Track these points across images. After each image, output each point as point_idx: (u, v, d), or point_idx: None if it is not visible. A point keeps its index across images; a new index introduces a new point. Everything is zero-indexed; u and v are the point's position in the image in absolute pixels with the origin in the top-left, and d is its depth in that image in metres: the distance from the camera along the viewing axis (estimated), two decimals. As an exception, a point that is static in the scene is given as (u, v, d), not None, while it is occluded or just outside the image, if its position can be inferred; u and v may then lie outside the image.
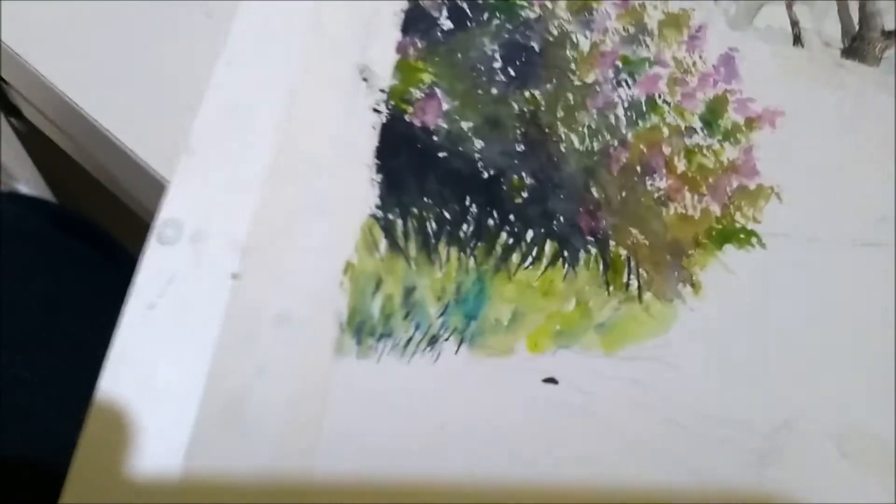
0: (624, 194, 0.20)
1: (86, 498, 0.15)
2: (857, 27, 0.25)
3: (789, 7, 0.25)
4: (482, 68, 0.21)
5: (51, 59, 0.21)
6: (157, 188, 0.21)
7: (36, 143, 0.41)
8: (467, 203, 0.19)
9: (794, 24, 0.25)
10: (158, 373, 0.16)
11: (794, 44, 0.24)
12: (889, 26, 0.25)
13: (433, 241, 0.19)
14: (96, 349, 0.36)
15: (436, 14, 0.22)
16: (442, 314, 0.18)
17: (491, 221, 0.19)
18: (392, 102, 0.20)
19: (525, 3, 0.22)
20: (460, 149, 0.20)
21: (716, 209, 0.20)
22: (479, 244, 0.19)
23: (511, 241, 0.19)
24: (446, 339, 0.18)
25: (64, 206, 0.45)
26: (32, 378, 0.32)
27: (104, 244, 0.40)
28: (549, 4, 0.23)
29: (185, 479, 0.16)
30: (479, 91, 0.21)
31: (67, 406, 0.31)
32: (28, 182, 0.53)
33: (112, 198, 0.39)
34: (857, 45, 0.25)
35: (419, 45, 0.21)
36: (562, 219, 0.19)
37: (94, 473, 0.16)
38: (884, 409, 0.18)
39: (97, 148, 0.23)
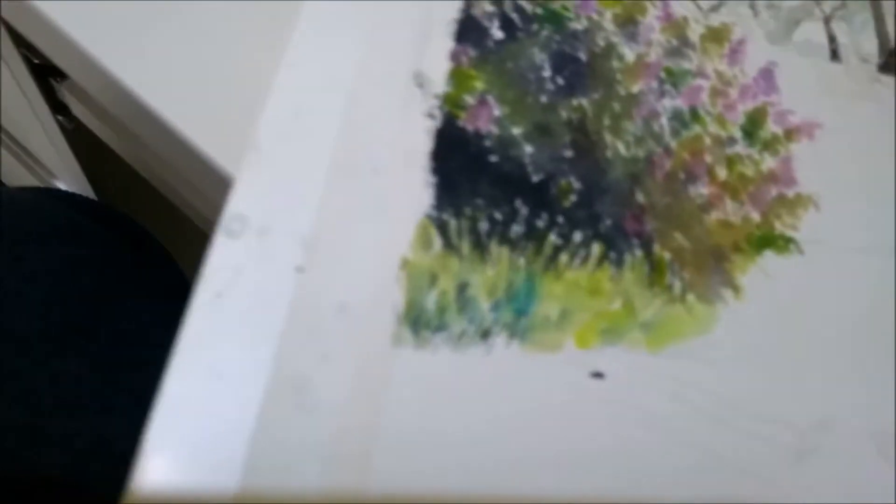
0: (668, 200, 0.21)
1: (153, 480, 0.16)
2: (893, 43, 0.26)
3: (827, 23, 0.26)
4: (532, 77, 0.22)
5: (117, 54, 0.22)
6: (215, 183, 0.22)
7: (80, 141, 0.42)
8: (517, 205, 0.20)
9: (832, 39, 0.26)
10: (227, 357, 0.17)
11: (831, 59, 0.25)
12: (924, 43, 0.26)
13: (485, 240, 0.20)
14: (137, 344, 0.38)
15: (487, 24, 0.23)
16: (494, 310, 0.19)
17: (540, 223, 0.20)
18: (446, 108, 0.21)
19: (573, 16, 0.23)
20: (511, 153, 0.21)
21: (756, 216, 0.21)
22: (529, 244, 0.20)
23: (560, 241, 0.20)
24: (498, 334, 0.19)
25: (106, 203, 0.46)
26: (76, 371, 0.33)
27: (145, 241, 0.41)
28: (595, 17, 0.24)
29: (249, 462, 0.16)
30: (529, 99, 0.22)
31: (110, 400, 0.32)
32: (68, 180, 0.54)
33: (153, 194, 0.40)
34: (893, 61, 0.26)
35: (471, 53, 0.22)
36: (608, 222, 0.20)
37: (160, 455, 0.17)
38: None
39: (158, 144, 0.24)
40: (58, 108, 0.41)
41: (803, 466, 0.18)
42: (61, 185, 0.57)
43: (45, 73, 0.36)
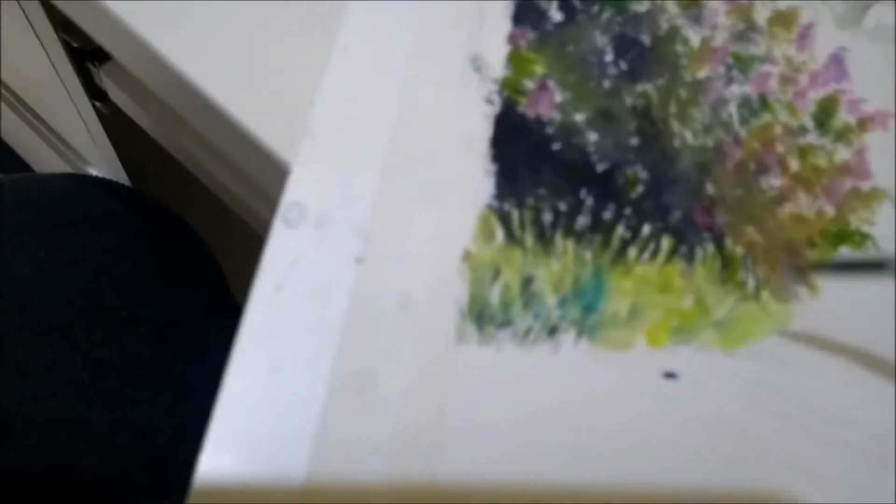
0: (739, 192, 0.20)
1: (218, 475, 0.16)
2: (968, 28, 0.25)
3: (898, 6, 0.25)
4: (593, 61, 0.21)
5: (169, 38, 0.22)
6: (271, 170, 0.22)
7: (117, 127, 0.42)
8: (582, 195, 0.19)
9: (904, 23, 0.24)
10: (288, 351, 0.17)
11: (904, 44, 0.24)
12: None
13: (549, 232, 0.19)
14: (174, 332, 0.37)
15: (546, 6, 0.22)
16: (560, 305, 0.18)
17: (607, 214, 0.19)
18: (505, 93, 0.21)
19: (634, -2, 0.22)
20: (574, 141, 0.20)
21: (830, 210, 0.20)
22: (596, 237, 0.19)
23: (628, 234, 0.19)
24: (565, 331, 0.18)
25: (140, 189, 0.46)
26: (118, 361, 0.32)
27: (179, 228, 0.41)
28: (657, -1, 0.23)
29: (314, 458, 0.16)
30: (591, 84, 0.21)
31: (151, 391, 0.32)
32: (101, 166, 0.54)
33: (191, 181, 0.40)
34: (967, 47, 0.24)
35: (530, 36, 0.21)
36: (678, 214, 0.19)
37: (224, 451, 0.16)
38: None
39: (209, 130, 0.23)
40: (95, 93, 0.40)
41: (884, 474, 0.17)
42: (94, 172, 0.57)
43: (84, 58, 0.36)
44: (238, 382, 0.17)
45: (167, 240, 0.40)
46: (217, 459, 0.16)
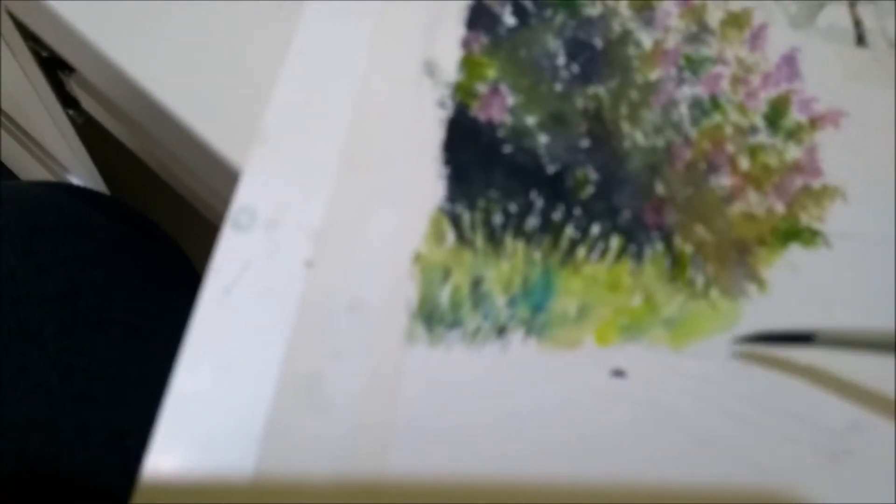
0: (688, 191, 0.20)
1: (164, 475, 0.16)
2: (920, 28, 0.25)
3: (852, 7, 0.25)
4: (546, 65, 0.21)
5: (124, 46, 0.22)
6: (224, 175, 0.22)
7: (91, 135, 0.42)
8: (532, 197, 0.20)
9: (858, 23, 0.25)
10: (236, 353, 0.17)
11: (857, 44, 0.24)
12: (953, 27, 0.25)
13: (500, 233, 0.19)
14: (149, 337, 0.37)
15: (499, 10, 0.22)
16: (509, 305, 0.18)
17: (556, 215, 0.19)
18: (457, 97, 0.21)
19: (587, 1, 0.23)
20: (525, 144, 0.20)
21: (780, 208, 0.20)
22: (545, 237, 0.19)
23: (577, 234, 0.19)
24: (514, 331, 0.18)
25: (117, 197, 0.46)
26: (87, 365, 0.33)
27: (155, 235, 0.41)
28: (611, 2, 0.23)
29: (261, 457, 0.16)
30: (543, 87, 0.21)
31: (124, 394, 0.32)
32: (80, 174, 0.54)
33: (164, 188, 0.40)
34: (920, 46, 0.25)
35: (483, 40, 0.22)
36: (627, 214, 0.20)
37: (169, 451, 0.16)
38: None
39: (166, 137, 0.23)
40: (68, 101, 0.40)
41: (836, 468, 0.17)
42: (75, 180, 0.57)
43: (54, 67, 0.36)
44: (186, 382, 0.17)
45: (143, 247, 0.40)
46: (163, 458, 0.16)
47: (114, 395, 0.31)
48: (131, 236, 0.39)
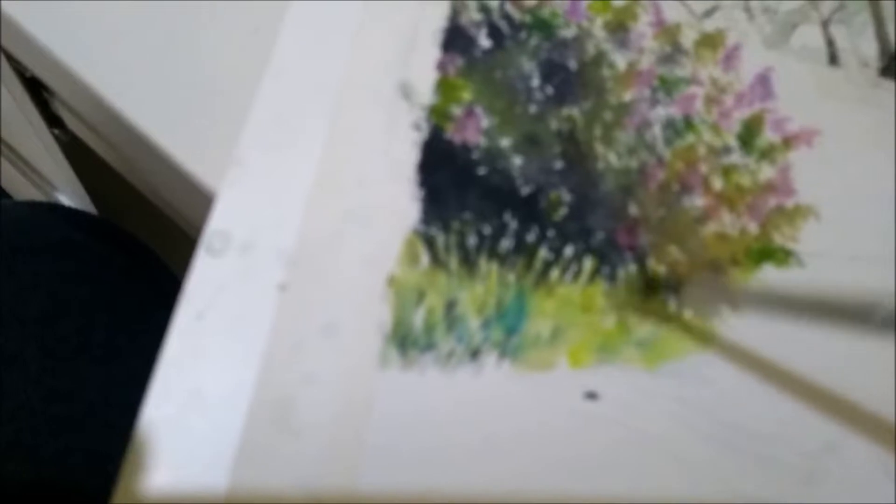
0: (662, 212, 0.20)
1: (136, 499, 0.16)
2: (894, 46, 0.25)
3: (825, 26, 0.25)
4: (520, 87, 0.22)
5: (99, 69, 0.22)
6: (202, 199, 0.22)
7: (77, 154, 0.42)
8: (506, 219, 0.20)
9: (830, 43, 0.25)
10: (208, 378, 0.17)
11: (830, 63, 0.24)
12: (925, 46, 0.26)
13: (473, 255, 0.19)
14: (132, 358, 0.37)
15: (474, 33, 0.22)
16: (483, 328, 0.18)
17: (530, 237, 0.19)
18: (433, 119, 0.21)
19: (562, 23, 0.23)
20: (499, 166, 0.20)
21: (753, 228, 0.20)
22: (519, 259, 0.19)
23: (550, 256, 0.19)
24: (488, 353, 0.18)
25: (103, 217, 0.46)
26: (69, 387, 0.32)
27: (141, 254, 0.41)
28: (585, 23, 0.23)
29: (233, 483, 0.16)
30: (518, 109, 0.21)
31: (106, 416, 0.32)
32: (69, 193, 0.54)
33: (151, 208, 0.40)
34: (894, 65, 0.25)
35: (458, 62, 0.22)
36: (600, 235, 0.20)
37: (141, 475, 0.16)
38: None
39: (144, 159, 0.23)
40: (53, 121, 0.41)
41: (812, 489, 0.17)
42: (64, 200, 0.57)
43: (39, 87, 0.36)
44: (157, 408, 0.17)
45: (128, 267, 0.40)
46: (135, 483, 0.16)
47: (95, 418, 0.31)
48: (116, 256, 0.39)
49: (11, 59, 0.34)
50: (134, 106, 0.21)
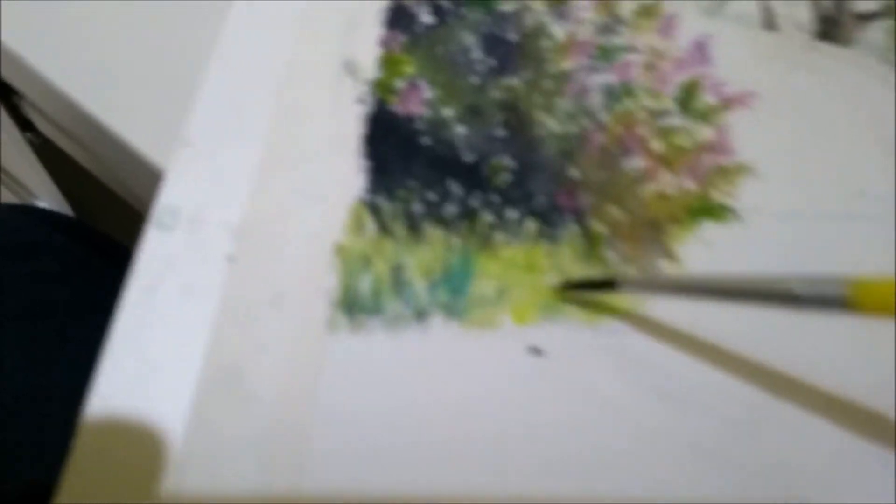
0: (602, 174, 0.21)
1: (93, 463, 0.16)
2: (829, 10, 0.26)
3: (762, -6, 0.26)
4: (462, 60, 0.22)
5: (57, 63, 0.22)
6: (157, 179, 0.22)
7: (50, 156, 0.42)
8: (450, 186, 0.20)
9: (766, 9, 0.26)
10: (159, 349, 0.17)
11: (766, 28, 0.25)
12: (862, 9, 0.26)
13: (419, 222, 0.20)
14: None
15: (417, 10, 0.23)
16: (430, 290, 0.19)
17: (474, 202, 0.20)
18: (377, 93, 0.21)
19: (504, -2, 0.23)
20: (442, 135, 0.21)
21: (692, 187, 0.21)
22: (463, 224, 0.20)
23: (494, 220, 0.20)
24: (435, 314, 0.18)
25: (79, 219, 0.46)
26: (48, 385, 0.32)
27: (116, 253, 0.41)
28: (526, -2, 0.24)
29: (186, 446, 0.16)
30: (460, 81, 0.22)
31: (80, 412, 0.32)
32: (46, 198, 0.54)
33: (126, 208, 0.40)
34: (830, 28, 0.26)
35: (402, 39, 0.22)
36: (542, 199, 0.20)
37: (95, 444, 0.16)
38: (861, 377, 0.19)
39: (110, 154, 0.24)
40: (25, 125, 0.41)
41: (750, 438, 0.18)
42: (41, 204, 0.57)
43: (9, 92, 0.36)
44: (109, 381, 0.17)
45: (104, 266, 0.40)
46: (87, 455, 0.16)
47: (75, 412, 0.31)
48: (92, 256, 0.39)
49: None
50: (98, 103, 0.22)
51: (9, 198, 0.63)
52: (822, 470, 0.18)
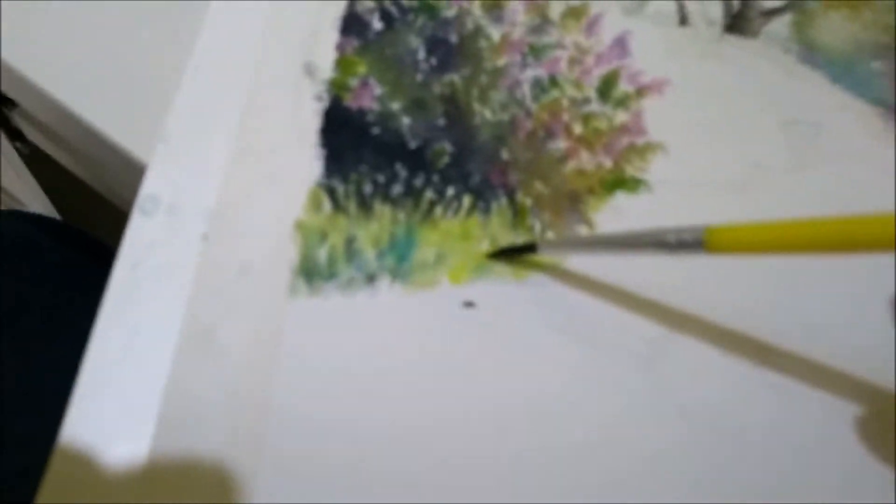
0: (529, 155, 0.24)
1: (84, 426, 0.19)
2: (737, 7, 0.29)
3: (678, -6, 0.29)
4: (408, 60, 0.25)
5: (47, 69, 0.25)
6: (140, 175, 0.25)
7: (39, 165, 0.45)
8: (397, 168, 0.23)
9: (681, 7, 0.29)
10: (143, 318, 0.20)
11: (680, 24, 0.28)
12: (767, 5, 0.30)
13: (369, 200, 0.23)
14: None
15: (369, 18, 0.26)
16: (378, 258, 0.22)
17: (418, 182, 0.23)
18: (333, 91, 0.24)
19: (445, 5, 0.27)
20: (390, 125, 0.24)
21: (608, 163, 0.24)
22: (408, 201, 0.23)
23: (435, 197, 0.23)
24: (382, 278, 0.21)
25: (66, 221, 0.48)
26: (39, 375, 0.35)
27: (103, 254, 0.44)
28: (465, 4, 0.27)
29: (166, 397, 0.19)
30: (406, 78, 0.25)
31: (69, 399, 0.35)
32: (34, 206, 0.57)
33: (111, 210, 0.42)
34: (737, 23, 0.29)
35: (355, 43, 0.25)
36: (477, 177, 0.23)
37: (91, 397, 0.19)
38: (761, 313, 0.22)
39: (90, 146, 0.27)
40: (14, 135, 0.43)
41: (651, 374, 0.21)
42: (27, 209, 0.60)
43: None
44: (103, 343, 0.20)
45: (90, 267, 0.42)
46: (84, 405, 0.19)
47: (64, 401, 0.34)
48: (78, 257, 0.42)
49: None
50: (86, 105, 0.24)
51: None
52: (711, 395, 0.21)
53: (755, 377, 0.21)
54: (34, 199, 0.55)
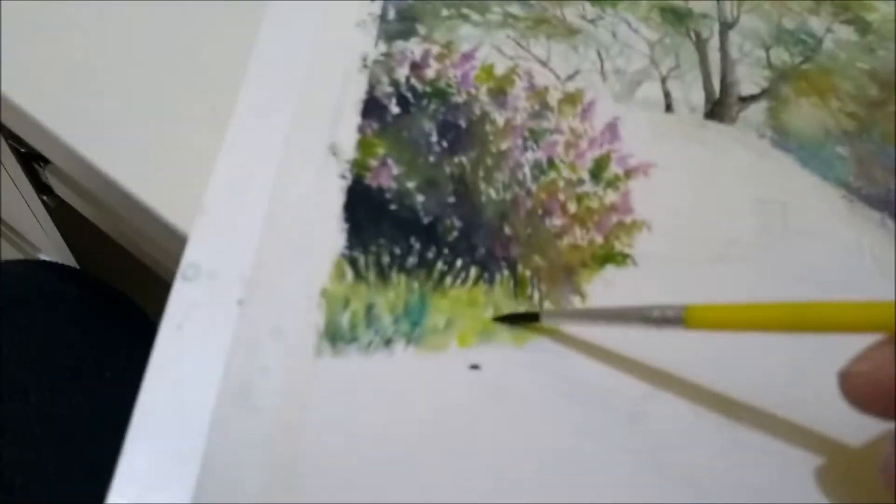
0: (529, 230, 0.27)
1: (136, 461, 0.21)
2: (716, 95, 0.33)
3: (663, 82, 0.33)
4: (422, 142, 0.28)
5: (94, 141, 0.28)
6: (178, 241, 0.28)
7: (64, 217, 0.47)
8: (412, 242, 0.26)
9: (667, 95, 0.32)
10: (186, 373, 0.23)
11: (666, 110, 0.32)
12: (744, 93, 0.33)
13: (387, 270, 0.25)
14: (121, 385, 0.42)
15: (387, 102, 0.29)
16: (394, 323, 0.24)
17: (430, 254, 0.26)
18: (355, 170, 0.27)
19: (454, 91, 0.30)
20: (406, 202, 0.27)
21: (599, 239, 0.27)
22: (421, 271, 0.25)
23: (445, 268, 0.26)
24: (398, 341, 0.24)
25: (86, 271, 0.51)
26: (68, 412, 0.37)
27: (120, 302, 0.46)
28: (473, 91, 0.30)
29: (207, 449, 0.22)
30: (420, 159, 0.28)
31: (101, 433, 0.37)
32: (49, 252, 0.59)
33: (130, 261, 0.45)
34: (717, 109, 0.32)
35: (375, 126, 0.28)
36: (482, 250, 0.26)
37: (140, 440, 0.21)
38: (742, 378, 0.25)
39: (129, 214, 0.29)
40: (42, 189, 0.46)
41: (640, 426, 0.24)
42: (44, 257, 0.62)
43: (31, 160, 0.42)
44: (150, 395, 0.22)
45: (110, 313, 0.45)
46: (136, 448, 0.21)
47: (93, 435, 0.36)
48: (100, 304, 0.45)
49: (9, 139, 0.40)
50: (123, 171, 0.27)
51: (12, 252, 0.68)
52: (698, 454, 0.23)
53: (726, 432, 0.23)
54: (51, 246, 0.58)
